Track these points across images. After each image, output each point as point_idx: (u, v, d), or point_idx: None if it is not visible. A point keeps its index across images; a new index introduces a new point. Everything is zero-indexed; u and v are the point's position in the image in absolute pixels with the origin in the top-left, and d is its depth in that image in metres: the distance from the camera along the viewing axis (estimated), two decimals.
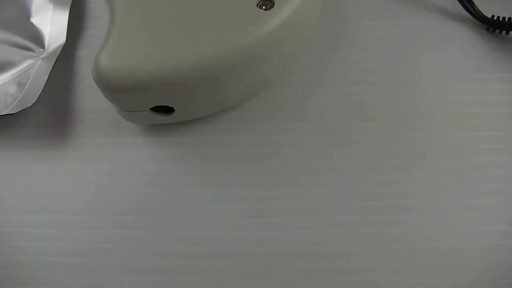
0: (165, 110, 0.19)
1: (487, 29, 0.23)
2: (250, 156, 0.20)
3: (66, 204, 0.20)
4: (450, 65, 0.22)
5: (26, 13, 0.24)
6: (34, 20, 0.24)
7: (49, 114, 0.22)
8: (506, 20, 0.22)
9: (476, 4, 0.23)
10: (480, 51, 0.23)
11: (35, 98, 0.21)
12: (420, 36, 0.23)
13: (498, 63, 0.22)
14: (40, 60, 0.23)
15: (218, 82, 0.19)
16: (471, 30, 0.23)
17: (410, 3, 0.24)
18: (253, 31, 0.18)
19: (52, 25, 0.24)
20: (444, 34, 0.23)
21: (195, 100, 0.19)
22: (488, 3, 0.23)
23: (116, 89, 0.18)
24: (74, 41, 0.24)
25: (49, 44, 0.23)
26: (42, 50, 0.23)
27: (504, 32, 0.22)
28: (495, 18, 0.22)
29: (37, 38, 0.23)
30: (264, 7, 0.18)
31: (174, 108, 0.19)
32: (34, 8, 0.24)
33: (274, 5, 0.18)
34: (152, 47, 0.18)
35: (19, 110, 0.20)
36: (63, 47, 0.23)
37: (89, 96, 0.22)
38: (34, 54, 0.23)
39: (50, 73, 0.22)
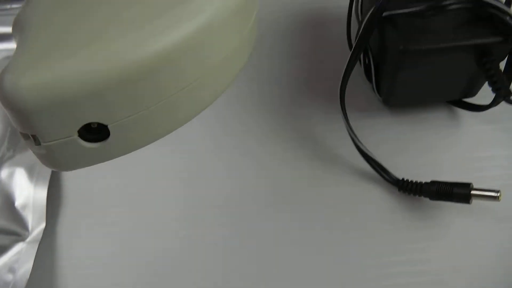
0: (99, 137, 0.17)
1: (399, 190, 0.26)
2: None
3: None
4: (364, 226, 0.26)
5: (11, 199, 0.28)
6: (18, 205, 0.28)
7: None
8: (414, 183, 0.26)
9: (393, 160, 0.26)
10: (393, 210, 0.26)
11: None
12: (334, 198, 0.26)
13: (409, 222, 0.26)
14: (26, 244, 0.27)
15: (146, 86, 0.17)
16: (384, 190, 0.26)
17: (322, 162, 0.27)
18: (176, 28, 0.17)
19: (34, 207, 0.28)
20: (359, 197, 0.26)
21: (129, 111, 0.17)
22: (401, 163, 0.27)
23: (26, 109, 0.16)
24: (54, 220, 0.28)
25: (32, 228, 0.28)
26: (27, 233, 0.27)
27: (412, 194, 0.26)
28: (404, 180, 0.26)
29: (21, 222, 0.28)
30: None
31: (109, 128, 0.17)
32: (17, 192, 0.28)
33: None
34: (66, 56, 0.16)
35: None
36: (44, 229, 0.27)
37: (72, 278, 0.27)
38: (20, 238, 0.27)
39: (35, 257, 0.26)
